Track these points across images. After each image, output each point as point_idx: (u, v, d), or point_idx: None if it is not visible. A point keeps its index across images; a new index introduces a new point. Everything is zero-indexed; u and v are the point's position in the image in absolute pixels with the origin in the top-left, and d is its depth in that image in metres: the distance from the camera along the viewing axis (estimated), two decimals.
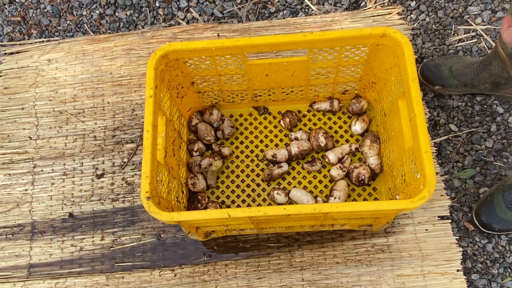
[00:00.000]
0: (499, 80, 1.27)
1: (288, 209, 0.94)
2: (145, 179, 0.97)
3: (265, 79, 1.22)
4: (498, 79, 1.27)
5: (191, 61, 1.14)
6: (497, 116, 1.36)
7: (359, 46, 1.10)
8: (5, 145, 1.43)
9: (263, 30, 1.49)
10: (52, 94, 1.47)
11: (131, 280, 1.26)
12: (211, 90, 1.28)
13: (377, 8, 1.50)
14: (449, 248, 1.23)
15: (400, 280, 1.21)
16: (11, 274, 1.30)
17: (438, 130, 1.36)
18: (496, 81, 1.28)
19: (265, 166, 1.31)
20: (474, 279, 1.23)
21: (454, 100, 1.38)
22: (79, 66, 1.50)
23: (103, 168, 1.38)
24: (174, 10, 1.56)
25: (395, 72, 1.09)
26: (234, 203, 1.29)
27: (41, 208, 1.35)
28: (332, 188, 1.23)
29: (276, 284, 1.22)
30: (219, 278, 1.24)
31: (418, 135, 0.96)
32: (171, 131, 1.18)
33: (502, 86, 1.30)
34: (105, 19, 1.57)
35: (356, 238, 1.25)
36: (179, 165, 1.24)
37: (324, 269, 1.23)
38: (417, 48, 1.45)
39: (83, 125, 1.43)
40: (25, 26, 1.60)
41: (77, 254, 1.30)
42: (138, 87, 1.45)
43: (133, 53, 1.49)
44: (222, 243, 1.27)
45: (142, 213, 1.32)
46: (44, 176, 1.38)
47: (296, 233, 1.27)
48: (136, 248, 1.29)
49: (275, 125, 1.35)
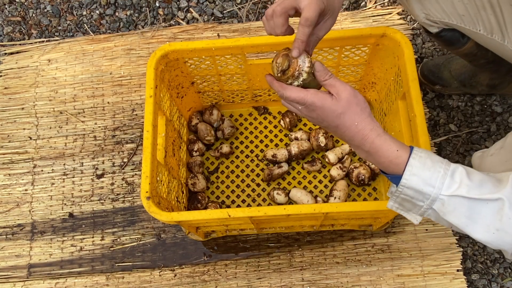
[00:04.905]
0: (494, 82, 1.28)
1: (288, 209, 0.94)
2: (145, 179, 0.97)
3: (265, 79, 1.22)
4: (493, 81, 1.28)
5: (191, 61, 1.14)
6: (497, 116, 1.36)
7: (359, 46, 1.10)
8: (5, 145, 1.43)
9: (263, 30, 1.48)
10: (52, 94, 1.47)
11: (131, 280, 1.26)
12: (211, 90, 1.28)
13: (377, 8, 1.50)
14: (449, 248, 1.23)
15: (400, 280, 1.21)
16: (11, 274, 1.30)
17: (438, 130, 1.36)
18: (490, 83, 1.29)
19: (265, 166, 1.31)
20: (474, 279, 1.23)
21: (454, 100, 1.38)
22: (79, 66, 1.50)
23: (103, 168, 1.38)
24: (174, 10, 1.56)
25: (395, 72, 1.09)
26: (234, 203, 1.29)
27: (41, 208, 1.35)
28: (332, 188, 1.23)
29: (276, 284, 1.22)
30: (219, 278, 1.24)
31: (418, 135, 0.96)
32: (171, 131, 1.18)
33: (498, 87, 1.31)
34: (105, 19, 1.57)
35: (356, 238, 1.25)
36: (179, 165, 1.24)
37: (324, 269, 1.23)
38: (417, 48, 1.45)
39: (83, 125, 1.43)
40: (25, 26, 1.60)
41: (77, 254, 1.30)
42: (138, 87, 1.46)
43: (133, 53, 1.49)
44: (222, 243, 1.27)
45: (142, 213, 1.32)
46: (44, 176, 1.38)
47: (296, 233, 1.26)
48: (136, 248, 1.29)
49: (275, 125, 1.35)
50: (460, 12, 0.94)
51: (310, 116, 0.76)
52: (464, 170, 0.68)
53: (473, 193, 0.66)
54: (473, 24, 0.94)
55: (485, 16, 0.92)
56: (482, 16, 0.92)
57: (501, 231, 0.65)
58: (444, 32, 1.04)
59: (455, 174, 0.67)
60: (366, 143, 0.71)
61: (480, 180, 0.67)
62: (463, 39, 1.06)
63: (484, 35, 0.94)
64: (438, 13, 0.98)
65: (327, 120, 0.73)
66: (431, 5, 0.98)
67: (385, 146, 0.71)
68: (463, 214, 0.67)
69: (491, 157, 0.89)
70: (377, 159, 0.72)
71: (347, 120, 0.72)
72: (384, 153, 0.70)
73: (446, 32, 1.04)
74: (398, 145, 0.70)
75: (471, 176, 0.67)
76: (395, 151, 0.70)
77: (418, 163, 0.68)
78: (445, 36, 1.05)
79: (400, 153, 0.70)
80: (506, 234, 0.65)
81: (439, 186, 0.67)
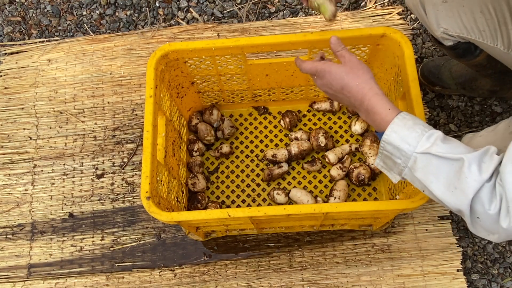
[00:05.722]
0: (495, 88, 1.28)
1: (288, 209, 0.94)
2: (145, 179, 0.97)
3: (265, 79, 1.22)
4: (494, 87, 1.28)
5: (191, 61, 1.14)
6: (497, 116, 1.36)
7: (359, 46, 1.10)
8: (5, 145, 1.43)
9: (263, 30, 1.49)
10: (52, 94, 1.47)
11: (131, 280, 1.26)
12: (211, 90, 1.28)
13: (377, 8, 1.50)
14: (449, 248, 1.23)
15: (400, 280, 1.21)
16: (11, 274, 1.30)
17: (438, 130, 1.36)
18: (491, 89, 1.29)
19: (265, 166, 1.31)
20: (474, 279, 1.23)
21: (454, 100, 1.38)
22: (79, 66, 1.50)
23: (103, 168, 1.38)
24: (174, 10, 1.56)
25: (395, 72, 1.09)
26: (234, 203, 1.29)
27: (41, 208, 1.35)
28: (332, 188, 1.23)
29: (276, 284, 1.22)
30: (219, 278, 1.24)
31: None
32: (171, 131, 1.18)
33: (498, 92, 1.31)
34: (105, 19, 1.57)
35: (356, 238, 1.25)
36: (179, 165, 1.24)
37: (324, 269, 1.23)
38: (417, 48, 1.45)
39: (83, 125, 1.43)
40: (25, 26, 1.60)
41: (77, 254, 1.30)
42: (138, 87, 1.46)
43: (133, 53, 1.49)
44: (222, 243, 1.27)
45: (142, 213, 1.32)
46: (44, 176, 1.38)
47: (296, 233, 1.27)
48: (136, 248, 1.29)
49: (275, 125, 1.35)
50: (480, 28, 0.95)
51: (322, 84, 0.86)
52: (441, 135, 0.73)
53: (440, 151, 0.70)
54: (492, 39, 0.95)
55: (505, 31, 0.92)
56: (502, 31, 0.92)
57: (458, 189, 0.69)
58: (460, 45, 1.04)
59: (432, 137, 0.72)
60: (365, 100, 0.80)
61: (453, 145, 0.71)
62: (475, 51, 1.06)
63: (501, 50, 0.95)
64: (458, 28, 0.97)
65: (334, 84, 0.83)
66: (451, 20, 0.97)
67: (380, 103, 0.78)
68: (430, 172, 0.72)
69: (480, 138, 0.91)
70: (372, 117, 0.79)
71: (350, 81, 0.81)
72: (378, 109, 0.78)
73: (462, 45, 1.04)
74: (391, 105, 0.78)
75: (447, 140, 0.72)
76: (387, 109, 0.77)
77: (400, 122, 0.75)
78: (459, 48, 1.05)
79: (391, 112, 0.77)
80: (462, 193, 0.68)
81: (414, 144, 0.73)
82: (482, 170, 0.67)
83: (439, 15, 0.98)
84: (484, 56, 1.06)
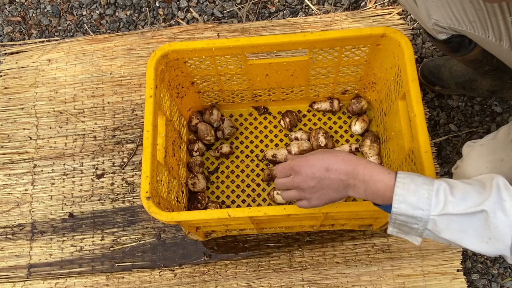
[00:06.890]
0: (495, 88, 1.28)
1: (288, 209, 0.94)
2: (145, 179, 0.97)
3: (265, 79, 1.22)
4: (494, 87, 1.28)
5: (191, 61, 1.14)
6: (497, 116, 1.36)
7: (359, 46, 1.10)
8: (5, 145, 1.43)
9: (263, 30, 1.49)
10: (52, 94, 1.47)
11: (131, 280, 1.26)
12: (211, 90, 1.28)
13: (377, 8, 1.50)
14: (449, 248, 1.23)
15: (400, 280, 1.21)
16: (11, 274, 1.30)
17: (438, 130, 1.36)
18: (491, 89, 1.29)
19: (265, 166, 1.31)
20: (474, 279, 1.23)
21: (454, 100, 1.38)
22: (79, 66, 1.50)
23: (103, 168, 1.38)
24: (174, 10, 1.56)
25: (395, 72, 1.09)
26: (234, 203, 1.29)
27: (41, 208, 1.35)
28: None
29: (276, 284, 1.22)
30: (219, 278, 1.24)
31: (418, 135, 0.96)
32: (171, 131, 1.18)
33: (498, 92, 1.31)
34: (105, 19, 1.57)
35: (356, 238, 1.25)
36: (179, 165, 1.24)
37: (324, 269, 1.23)
38: (417, 48, 1.45)
39: (83, 125, 1.43)
40: (25, 26, 1.60)
41: (77, 254, 1.30)
42: (138, 87, 1.46)
43: (133, 53, 1.49)
44: (222, 243, 1.27)
45: (142, 213, 1.32)
46: (44, 176, 1.38)
47: (296, 233, 1.27)
48: (136, 248, 1.29)
49: (275, 125, 1.35)
50: (471, 19, 0.94)
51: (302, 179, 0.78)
52: (447, 186, 0.71)
53: (458, 209, 0.68)
54: (483, 30, 0.95)
55: (495, 22, 0.92)
56: (492, 22, 0.92)
57: (493, 239, 0.68)
58: (453, 38, 1.03)
59: (439, 193, 0.70)
60: (359, 170, 0.74)
61: (464, 193, 0.70)
62: (469, 45, 1.06)
63: (492, 41, 0.94)
64: (449, 18, 0.97)
65: (316, 169, 0.76)
66: (441, 11, 0.97)
67: (376, 169, 0.74)
68: (456, 230, 0.70)
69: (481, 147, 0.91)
70: (374, 186, 0.74)
71: (332, 158, 0.76)
72: (379, 176, 0.73)
73: (455, 38, 1.03)
74: (385, 168, 0.74)
75: (454, 191, 0.70)
76: (386, 173, 0.74)
77: (402, 191, 0.71)
78: (453, 42, 1.05)
79: (391, 175, 0.73)
80: (497, 241, 0.68)
81: (427, 208, 0.70)
82: (508, 212, 0.66)
83: (429, 6, 0.97)
84: (479, 51, 1.06)
